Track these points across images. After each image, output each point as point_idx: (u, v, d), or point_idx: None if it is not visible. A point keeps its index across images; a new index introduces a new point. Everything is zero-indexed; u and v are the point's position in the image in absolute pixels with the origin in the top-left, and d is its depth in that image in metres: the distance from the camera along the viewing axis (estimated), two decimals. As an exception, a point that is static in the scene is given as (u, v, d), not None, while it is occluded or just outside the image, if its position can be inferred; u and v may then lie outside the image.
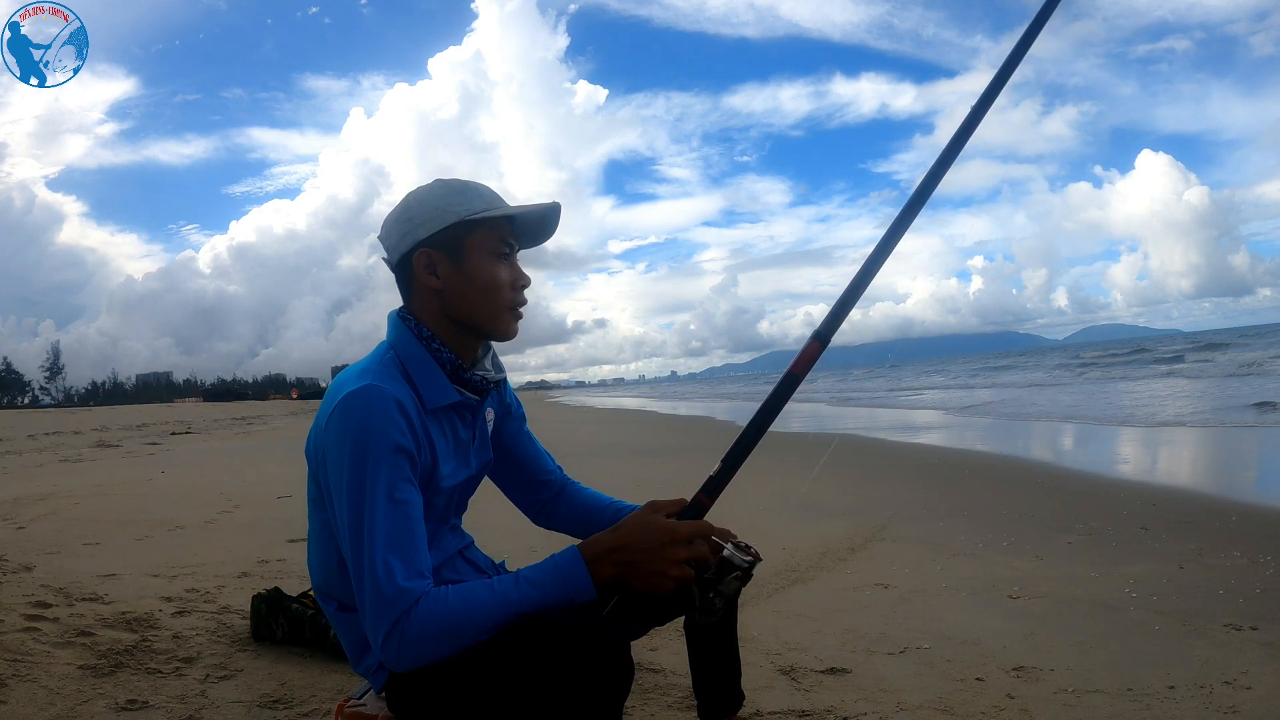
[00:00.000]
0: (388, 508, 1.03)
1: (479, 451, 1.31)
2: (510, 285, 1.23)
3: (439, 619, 0.99)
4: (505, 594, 1.01)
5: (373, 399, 1.08)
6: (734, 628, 1.44)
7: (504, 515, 1.71)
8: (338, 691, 1.98)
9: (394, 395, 1.09)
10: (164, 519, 4.65)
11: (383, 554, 1.01)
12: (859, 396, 24.67)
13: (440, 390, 1.18)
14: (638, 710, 1.94)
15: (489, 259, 1.20)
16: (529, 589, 1.02)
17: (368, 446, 1.05)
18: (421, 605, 0.99)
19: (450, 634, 0.99)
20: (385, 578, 1.00)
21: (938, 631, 2.46)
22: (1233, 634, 2.32)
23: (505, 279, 1.22)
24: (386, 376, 1.13)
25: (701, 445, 10.02)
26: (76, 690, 1.95)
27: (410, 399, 1.13)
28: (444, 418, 1.21)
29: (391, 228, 1.22)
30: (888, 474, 6.33)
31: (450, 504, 1.28)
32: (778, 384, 1.17)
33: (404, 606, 0.99)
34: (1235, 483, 5.50)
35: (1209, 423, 9.19)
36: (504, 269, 1.22)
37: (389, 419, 1.07)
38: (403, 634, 0.98)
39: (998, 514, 4.24)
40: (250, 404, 68.52)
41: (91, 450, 11.67)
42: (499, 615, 1.00)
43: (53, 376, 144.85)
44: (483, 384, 1.24)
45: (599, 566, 1.04)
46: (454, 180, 1.23)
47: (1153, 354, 33.46)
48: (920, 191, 1.21)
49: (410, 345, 1.19)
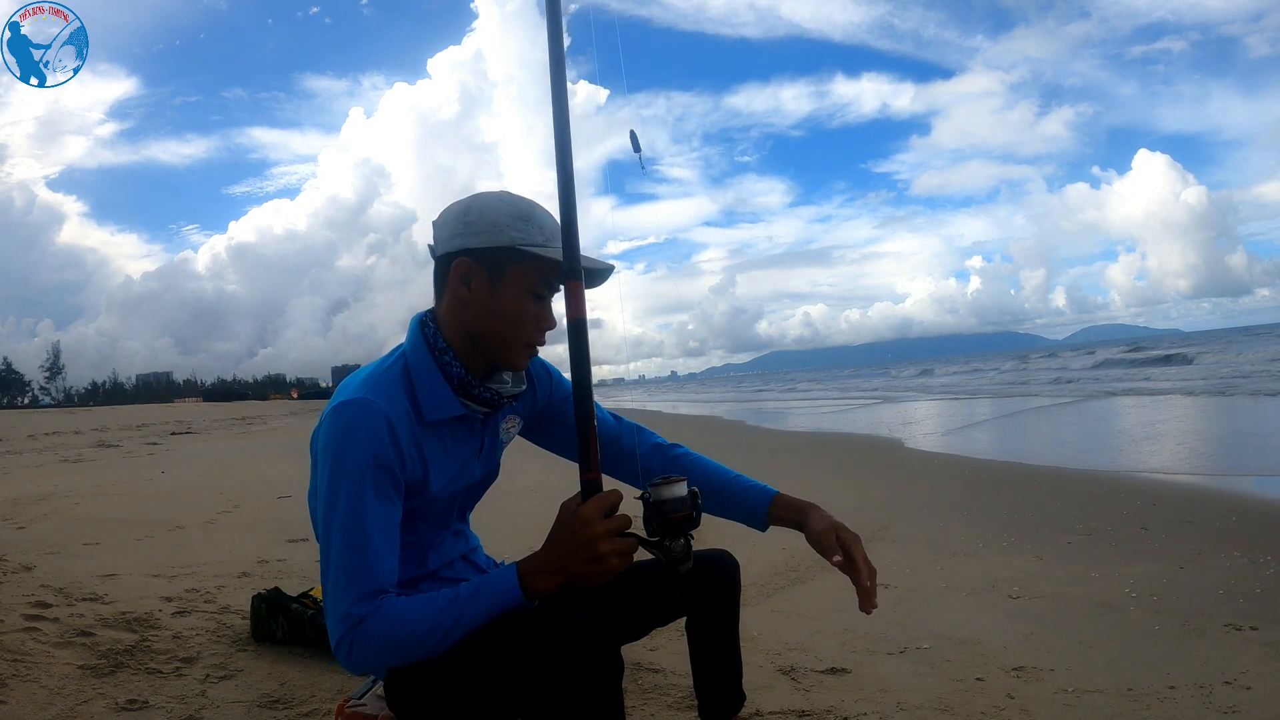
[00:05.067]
0: (351, 527, 1.06)
1: (485, 460, 1.31)
2: (534, 324, 1.22)
3: (385, 633, 1.04)
4: (446, 610, 1.06)
5: (360, 415, 1.10)
6: (735, 628, 1.44)
7: (507, 515, 1.71)
8: (338, 691, 1.98)
9: (384, 411, 1.10)
10: (164, 519, 4.65)
11: (339, 573, 1.06)
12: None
13: (441, 404, 1.18)
14: (637, 710, 1.94)
15: (524, 294, 1.19)
16: (467, 605, 1.07)
17: (345, 463, 1.08)
18: (368, 622, 1.04)
19: (397, 647, 1.05)
20: (339, 596, 1.06)
21: (938, 631, 2.46)
22: (1233, 634, 2.32)
23: (531, 317, 1.21)
24: (385, 388, 1.14)
25: (708, 445, 10.00)
26: (76, 690, 1.95)
27: (405, 414, 1.14)
28: (445, 427, 1.21)
29: (448, 223, 1.21)
30: (888, 474, 6.34)
31: (451, 509, 1.29)
32: (569, 333, 1.15)
33: (352, 624, 1.05)
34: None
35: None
36: (534, 307, 1.21)
37: (373, 436, 1.09)
38: (351, 646, 1.05)
39: (998, 514, 4.24)
40: (250, 404, 68.55)
41: (91, 450, 11.67)
42: (441, 631, 1.05)
43: (53, 377, 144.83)
44: (493, 399, 1.23)
45: (533, 580, 1.07)
46: (523, 201, 1.21)
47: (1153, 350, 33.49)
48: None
49: (421, 355, 1.20)
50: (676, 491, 1.10)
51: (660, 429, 1.54)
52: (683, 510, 1.10)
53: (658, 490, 1.11)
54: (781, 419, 15.88)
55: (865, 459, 7.68)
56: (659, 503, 1.11)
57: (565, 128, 1.13)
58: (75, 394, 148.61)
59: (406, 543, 1.19)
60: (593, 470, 1.11)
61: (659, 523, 1.11)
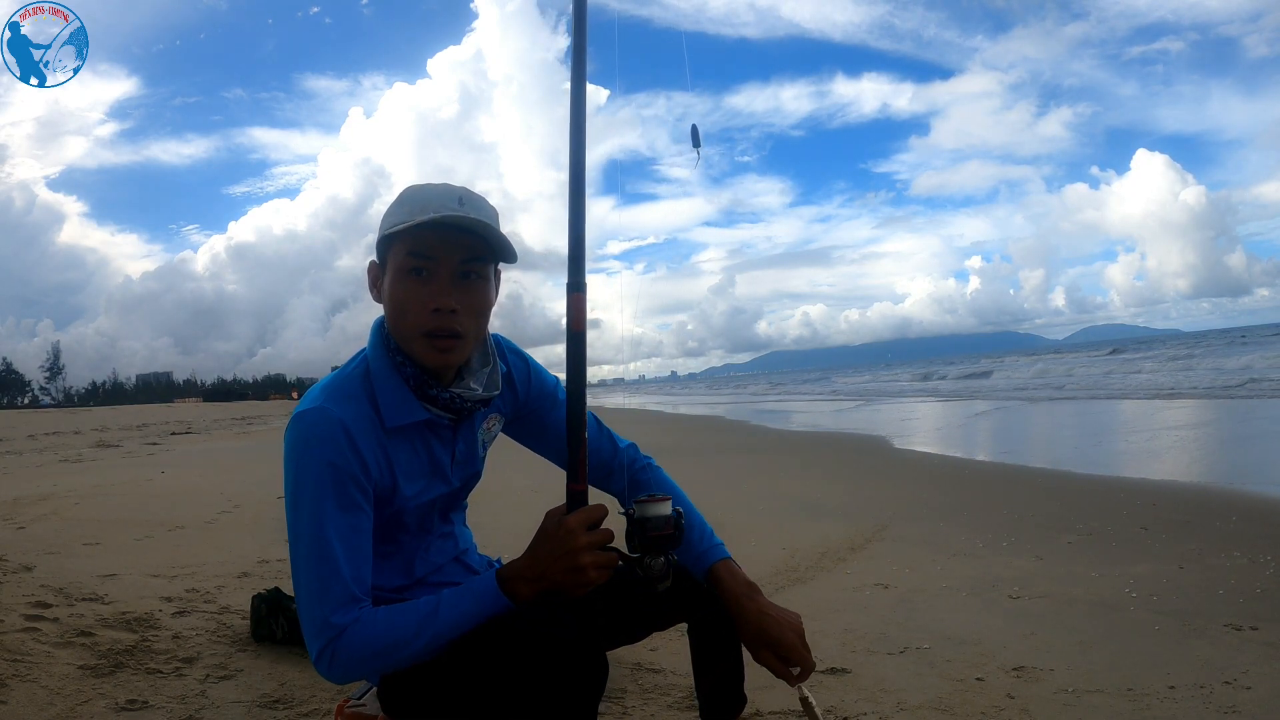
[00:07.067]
0: (316, 537, 1.05)
1: (461, 467, 1.25)
2: (421, 307, 1.11)
3: (368, 643, 1.04)
4: (428, 618, 1.05)
5: (316, 423, 1.07)
6: (739, 635, 1.43)
7: (507, 514, 1.71)
8: (338, 691, 1.98)
9: (340, 419, 1.07)
10: (164, 519, 4.66)
11: (310, 583, 1.04)
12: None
13: (402, 409, 1.13)
14: (637, 710, 1.94)
15: (400, 277, 1.12)
16: (448, 612, 1.06)
17: (305, 473, 1.06)
18: (348, 634, 1.04)
19: (380, 655, 1.05)
20: (314, 609, 1.04)
21: (938, 631, 2.46)
22: (1233, 634, 2.32)
23: (412, 300, 1.11)
24: (344, 395, 1.11)
25: (713, 445, 10.00)
26: (76, 690, 1.95)
27: (365, 420, 1.10)
28: (414, 434, 1.16)
29: None
30: (888, 474, 6.34)
31: (431, 514, 1.25)
32: (567, 344, 1.12)
33: (330, 636, 1.04)
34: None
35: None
36: (415, 288, 1.11)
37: (330, 444, 1.06)
38: (332, 658, 1.04)
39: (998, 514, 4.24)
40: (250, 404, 68.56)
41: (91, 450, 11.67)
42: (424, 639, 1.05)
43: (53, 377, 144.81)
44: (456, 403, 1.16)
45: (514, 586, 1.07)
46: (418, 186, 1.15)
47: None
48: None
49: (379, 358, 1.15)
50: (661, 510, 1.11)
51: (671, 429, 1.52)
52: (665, 529, 1.11)
53: (642, 508, 1.11)
54: (783, 418, 15.95)
55: (865, 459, 7.68)
56: (643, 520, 1.11)
57: (580, 150, 1.12)
58: (75, 394, 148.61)
59: (388, 551, 1.17)
60: (580, 481, 1.11)
61: (641, 540, 1.11)
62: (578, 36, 1.15)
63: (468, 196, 1.13)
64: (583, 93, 1.14)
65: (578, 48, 1.15)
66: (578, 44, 1.15)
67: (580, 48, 1.15)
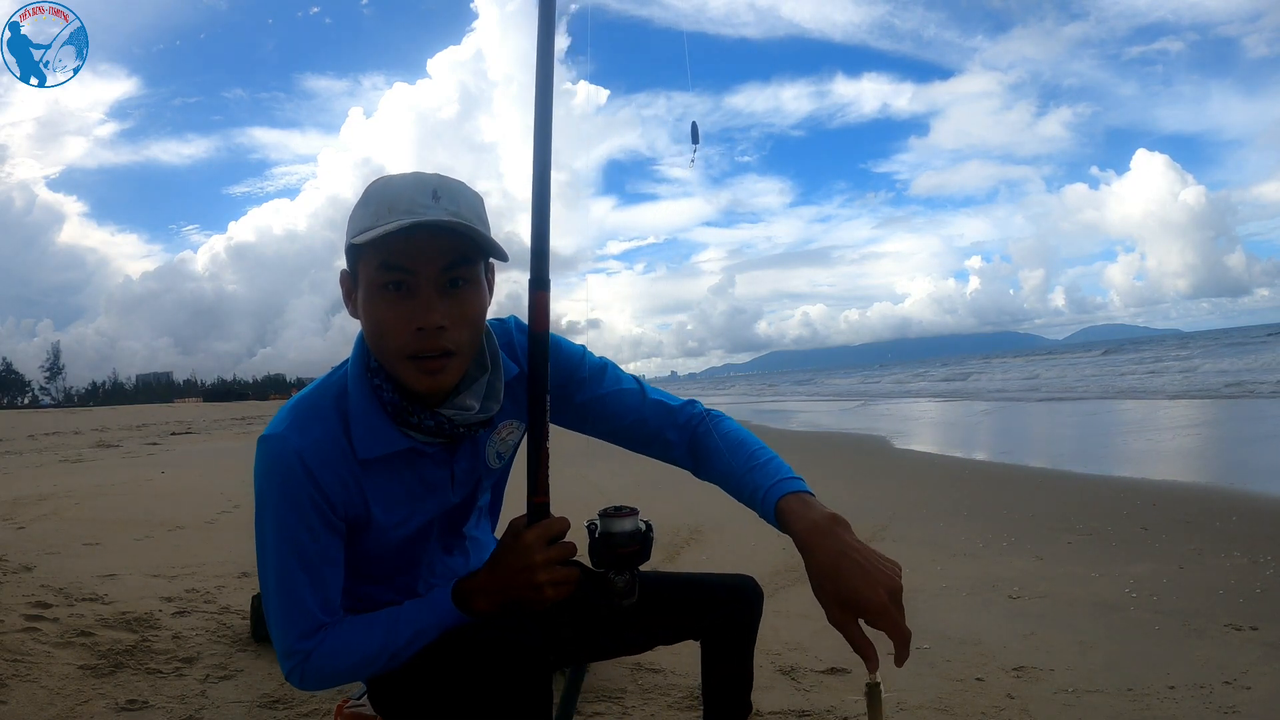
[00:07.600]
0: (280, 566, 1.01)
1: (462, 485, 1.12)
2: (403, 327, 0.95)
3: (333, 662, 1.04)
4: (389, 633, 1.04)
5: (272, 454, 0.98)
6: (751, 650, 1.41)
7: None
8: (337, 692, 1.98)
9: (298, 450, 0.97)
10: (164, 519, 4.66)
11: (277, 610, 1.03)
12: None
13: (378, 440, 1.00)
14: (637, 710, 1.94)
15: (375, 292, 0.96)
16: (407, 625, 1.05)
17: (265, 501, 1.00)
18: (314, 656, 1.03)
19: (348, 672, 1.05)
20: (280, 636, 1.04)
21: (938, 631, 2.46)
22: (1233, 634, 2.32)
23: (391, 319, 0.95)
24: (312, 418, 1.00)
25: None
26: (76, 690, 1.95)
27: (332, 448, 0.99)
28: (396, 461, 1.03)
29: None
30: (888, 474, 6.33)
31: (428, 536, 1.14)
32: (529, 345, 1.05)
33: (298, 660, 1.03)
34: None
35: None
36: (393, 305, 0.95)
37: (287, 476, 0.97)
38: (301, 677, 1.04)
39: (998, 514, 4.23)
40: (251, 404, 68.56)
41: (91, 450, 11.67)
42: (388, 653, 1.04)
43: (53, 377, 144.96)
44: (445, 428, 1.01)
45: (471, 600, 1.04)
46: (384, 180, 0.98)
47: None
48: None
49: (357, 379, 1.02)
50: (626, 526, 1.06)
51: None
52: (631, 546, 1.06)
53: (607, 522, 1.06)
54: (784, 418, 15.93)
55: (865, 459, 7.68)
56: (607, 535, 1.06)
57: (547, 137, 1.07)
58: (75, 394, 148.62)
59: (375, 575, 1.13)
60: (541, 493, 1.05)
61: (605, 555, 1.06)
62: (544, 22, 1.08)
63: (443, 187, 0.96)
64: (549, 85, 1.08)
65: (544, 35, 1.08)
66: (544, 30, 1.08)
67: (547, 35, 1.08)
